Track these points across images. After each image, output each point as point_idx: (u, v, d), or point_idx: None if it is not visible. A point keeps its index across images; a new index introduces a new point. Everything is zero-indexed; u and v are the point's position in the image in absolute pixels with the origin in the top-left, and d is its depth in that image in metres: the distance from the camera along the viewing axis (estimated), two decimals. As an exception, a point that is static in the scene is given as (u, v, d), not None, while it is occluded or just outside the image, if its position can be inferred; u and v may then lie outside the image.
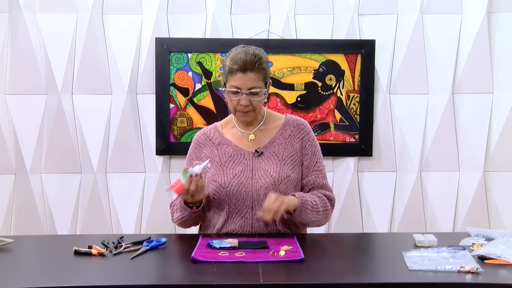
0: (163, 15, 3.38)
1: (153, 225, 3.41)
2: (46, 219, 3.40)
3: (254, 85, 2.08)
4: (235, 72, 2.08)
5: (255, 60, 2.07)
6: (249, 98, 2.09)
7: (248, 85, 2.08)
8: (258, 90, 2.10)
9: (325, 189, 2.22)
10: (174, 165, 3.43)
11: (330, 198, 2.21)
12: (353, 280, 1.69)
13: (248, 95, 2.09)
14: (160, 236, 2.05)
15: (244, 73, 2.07)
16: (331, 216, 2.25)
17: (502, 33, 3.37)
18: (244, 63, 2.06)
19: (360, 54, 3.37)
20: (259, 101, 2.13)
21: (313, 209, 2.10)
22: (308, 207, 2.08)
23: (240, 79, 2.07)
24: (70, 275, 1.73)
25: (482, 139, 3.40)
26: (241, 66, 2.06)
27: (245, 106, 2.10)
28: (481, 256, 1.83)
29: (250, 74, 2.07)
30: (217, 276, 1.69)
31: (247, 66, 2.06)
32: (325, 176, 2.24)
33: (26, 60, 3.31)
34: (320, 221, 2.18)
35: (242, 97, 2.09)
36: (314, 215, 2.11)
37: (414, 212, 3.44)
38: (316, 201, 2.13)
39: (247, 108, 2.11)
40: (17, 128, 3.34)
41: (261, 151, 2.19)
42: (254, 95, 2.10)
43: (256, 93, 2.10)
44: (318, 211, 2.13)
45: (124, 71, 3.37)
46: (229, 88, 2.11)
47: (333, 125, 3.41)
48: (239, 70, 2.07)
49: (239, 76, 2.07)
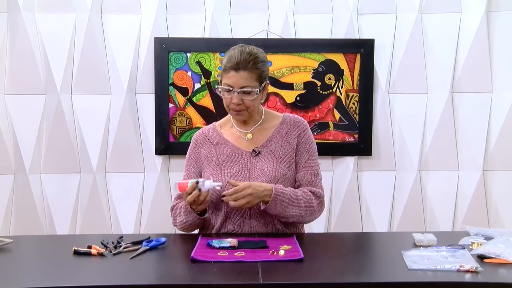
0: (162, 14, 3.38)
1: (152, 225, 3.41)
2: (45, 219, 3.40)
3: (246, 84, 2.09)
4: (228, 70, 2.10)
5: (249, 59, 2.08)
6: (241, 96, 2.10)
7: (240, 83, 2.09)
8: (250, 90, 2.10)
9: (313, 186, 2.19)
10: (173, 165, 3.43)
11: (317, 195, 2.17)
12: (352, 279, 1.69)
13: (240, 93, 2.10)
14: (159, 236, 2.05)
15: (236, 72, 2.08)
16: (319, 213, 2.20)
17: (501, 32, 3.38)
18: (237, 62, 2.08)
19: (359, 54, 3.37)
20: (252, 101, 2.13)
21: (292, 203, 2.08)
22: (284, 199, 2.06)
23: (233, 77, 2.09)
24: (70, 275, 1.73)
25: (481, 138, 3.41)
26: (234, 65, 2.08)
27: (236, 104, 2.11)
28: (481, 255, 1.83)
29: (243, 73, 2.08)
30: (216, 276, 1.69)
31: (240, 65, 2.08)
32: (316, 174, 2.21)
33: (25, 60, 3.31)
34: (303, 217, 2.14)
35: (234, 96, 2.10)
36: (293, 210, 2.09)
37: (414, 211, 3.45)
38: (298, 195, 2.11)
39: (239, 107, 2.12)
40: (16, 128, 3.34)
41: (258, 150, 2.19)
42: (246, 94, 2.11)
43: (248, 92, 2.10)
44: (299, 205, 2.10)
45: (123, 71, 3.37)
46: (222, 86, 2.13)
47: (333, 124, 3.41)
48: (232, 68, 2.08)
49: (232, 74, 2.09)
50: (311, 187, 2.19)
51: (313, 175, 2.21)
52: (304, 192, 2.15)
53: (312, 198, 2.15)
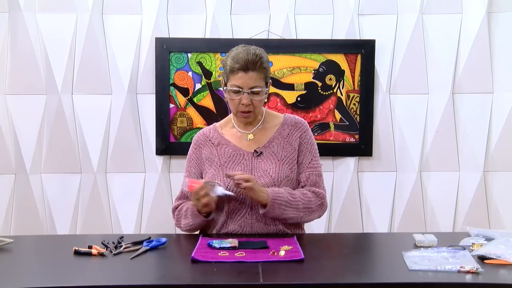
0: (163, 15, 3.38)
1: (153, 225, 3.41)
2: (46, 219, 3.40)
3: (256, 84, 2.09)
4: (236, 71, 2.08)
5: (256, 60, 2.08)
6: (250, 97, 2.11)
7: (249, 84, 2.09)
8: (259, 89, 2.11)
9: (317, 187, 2.20)
10: (174, 165, 3.44)
11: (319, 196, 2.18)
12: (353, 280, 1.69)
13: (250, 94, 2.10)
14: (160, 236, 2.05)
15: (245, 72, 2.08)
16: (319, 213, 2.20)
17: (502, 33, 3.37)
18: (246, 62, 2.07)
19: (360, 54, 3.37)
20: (260, 101, 2.14)
21: (290, 205, 2.08)
22: (282, 202, 2.06)
23: (242, 78, 2.08)
24: (70, 275, 1.73)
25: (482, 139, 3.40)
26: (242, 65, 2.07)
27: (246, 105, 2.11)
28: (481, 256, 1.83)
29: (252, 74, 2.08)
30: (217, 276, 1.69)
31: (249, 65, 2.07)
32: (319, 175, 2.23)
33: (26, 60, 3.31)
34: (302, 218, 2.15)
35: (243, 96, 2.10)
36: (292, 212, 2.09)
37: (414, 212, 3.44)
38: (296, 197, 2.11)
39: (248, 108, 2.12)
40: (17, 128, 3.34)
41: (260, 151, 2.19)
42: (256, 95, 2.11)
43: (257, 92, 2.11)
44: (297, 207, 2.10)
45: (124, 71, 3.37)
46: (230, 87, 2.11)
47: (333, 125, 3.41)
48: (241, 69, 2.08)
49: (241, 75, 2.08)
50: (314, 187, 2.19)
51: (317, 176, 2.22)
52: (303, 194, 2.15)
53: (311, 198, 2.16)
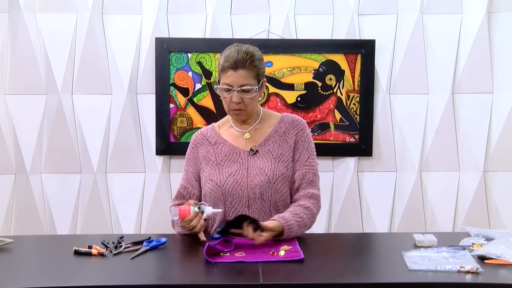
0: (163, 15, 3.38)
1: (153, 225, 3.41)
2: (46, 219, 3.40)
3: (245, 82, 2.12)
4: (226, 70, 2.12)
5: (246, 58, 2.11)
6: (241, 95, 2.13)
7: (239, 82, 2.11)
8: (249, 88, 2.12)
9: (313, 187, 2.20)
10: (174, 165, 3.44)
11: (315, 198, 2.19)
12: (353, 280, 1.70)
13: (240, 92, 2.12)
14: (160, 236, 2.05)
15: (235, 71, 2.11)
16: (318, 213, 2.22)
17: (502, 33, 3.37)
18: (235, 60, 2.10)
19: (360, 54, 3.37)
20: (251, 99, 2.15)
21: (300, 226, 2.08)
22: (294, 228, 2.05)
23: (231, 76, 2.11)
24: (70, 275, 1.73)
25: (482, 139, 3.40)
26: (232, 64, 2.11)
27: (236, 103, 2.13)
28: (481, 256, 1.83)
29: (241, 72, 2.11)
30: (217, 276, 1.69)
31: (238, 63, 2.10)
32: (315, 173, 2.23)
33: (26, 60, 3.31)
34: (307, 228, 2.17)
35: (233, 94, 2.13)
36: (302, 229, 2.11)
37: (414, 212, 3.44)
38: (301, 215, 2.10)
39: (239, 106, 2.14)
40: (17, 128, 3.34)
41: (255, 149, 2.21)
42: (246, 92, 2.13)
43: (247, 90, 2.13)
44: (305, 224, 2.12)
45: (124, 71, 3.37)
46: (221, 86, 2.15)
47: (333, 125, 3.41)
48: (230, 67, 2.11)
49: (230, 73, 2.11)
50: (310, 188, 2.20)
51: (314, 174, 2.23)
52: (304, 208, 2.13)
53: (310, 206, 2.15)
